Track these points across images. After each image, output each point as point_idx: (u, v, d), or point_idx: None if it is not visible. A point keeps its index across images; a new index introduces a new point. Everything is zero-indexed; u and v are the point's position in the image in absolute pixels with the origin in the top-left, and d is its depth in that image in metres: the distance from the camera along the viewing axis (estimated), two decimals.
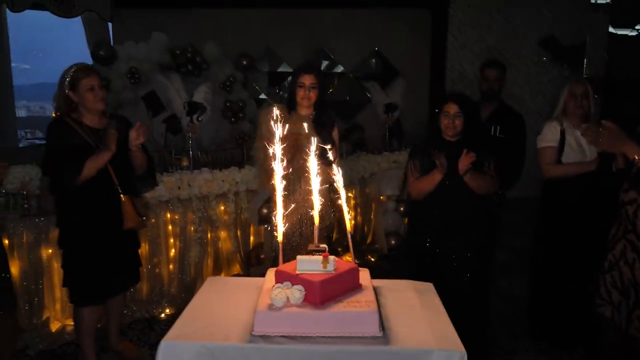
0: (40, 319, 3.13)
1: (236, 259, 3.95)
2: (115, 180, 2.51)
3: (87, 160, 2.39)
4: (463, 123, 2.54)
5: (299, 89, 2.68)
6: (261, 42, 7.76)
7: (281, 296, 1.51)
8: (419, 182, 2.64)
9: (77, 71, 2.46)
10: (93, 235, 2.50)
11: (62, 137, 2.41)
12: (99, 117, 2.55)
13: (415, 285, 1.87)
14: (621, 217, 2.06)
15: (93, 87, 2.45)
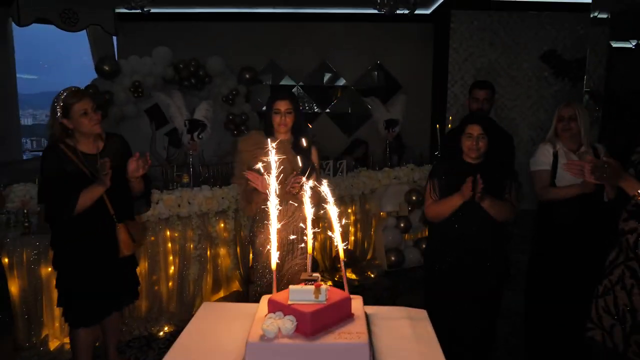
0: (39, 337, 3.13)
1: (235, 276, 3.96)
2: (110, 210, 2.49)
3: (81, 193, 2.36)
4: (486, 145, 2.48)
5: (275, 115, 2.68)
6: (264, 55, 7.83)
7: (273, 327, 1.51)
8: (437, 205, 2.58)
9: (67, 97, 2.40)
10: (87, 260, 2.48)
11: (56, 166, 2.38)
12: (94, 141, 2.52)
13: (409, 313, 1.87)
14: (621, 244, 2.11)
15: (87, 112, 2.40)
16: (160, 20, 7.33)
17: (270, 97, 2.76)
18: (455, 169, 2.52)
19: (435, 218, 2.62)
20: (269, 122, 2.72)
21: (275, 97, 2.71)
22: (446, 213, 2.54)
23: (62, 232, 2.49)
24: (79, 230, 2.45)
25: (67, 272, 2.52)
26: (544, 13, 7.08)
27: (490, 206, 2.44)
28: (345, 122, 8.13)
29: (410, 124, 6.39)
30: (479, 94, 3.40)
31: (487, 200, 2.41)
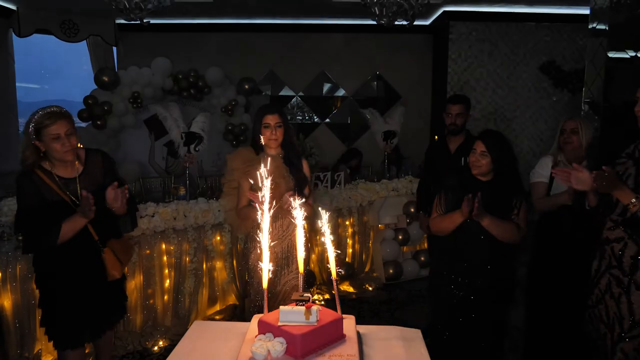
0: (32, 352, 3.10)
1: (232, 289, 3.92)
2: (94, 235, 2.36)
3: (63, 224, 2.22)
4: (491, 163, 2.42)
5: (265, 129, 2.62)
6: (264, 66, 7.85)
7: (262, 349, 1.48)
8: (440, 219, 2.54)
9: (41, 117, 2.18)
10: (72, 285, 2.37)
11: (32, 195, 2.21)
12: (73, 164, 2.34)
13: (403, 333, 1.84)
14: (604, 252, 2.17)
15: (59, 136, 2.18)
16: (160, 31, 7.35)
17: (259, 112, 2.69)
18: (463, 184, 2.48)
19: (438, 232, 2.59)
20: (258, 138, 2.65)
21: (264, 112, 2.66)
22: (448, 229, 2.50)
23: (44, 256, 2.37)
24: (62, 259, 2.32)
25: (50, 293, 2.40)
26: (543, 24, 7.10)
27: (490, 225, 2.38)
28: (345, 132, 8.13)
29: (409, 135, 6.38)
30: (452, 109, 3.41)
31: (486, 219, 2.35)
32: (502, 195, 2.45)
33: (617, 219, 2.13)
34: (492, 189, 2.43)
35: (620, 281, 2.09)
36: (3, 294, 2.95)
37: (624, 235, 2.09)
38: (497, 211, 2.40)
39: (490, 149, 2.42)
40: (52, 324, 2.42)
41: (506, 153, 2.46)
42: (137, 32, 7.28)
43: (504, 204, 2.45)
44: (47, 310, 2.42)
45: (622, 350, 2.08)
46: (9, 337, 2.99)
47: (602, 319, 2.18)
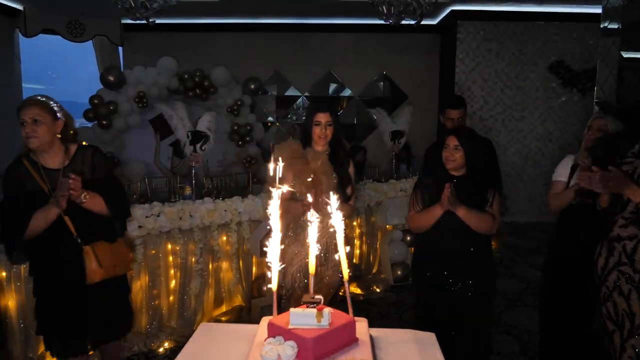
0: (36, 353, 3.06)
1: (238, 290, 3.87)
2: (73, 231, 2.23)
3: (34, 215, 2.12)
4: (464, 157, 2.46)
5: (315, 127, 2.64)
6: (269, 65, 7.82)
7: (272, 353, 1.43)
8: (419, 215, 2.57)
9: (20, 103, 2.18)
10: (59, 289, 2.28)
11: (15, 184, 2.17)
12: (59, 155, 2.26)
13: (416, 336, 1.78)
14: (614, 250, 2.20)
15: (24, 122, 2.14)
16: (166, 31, 7.34)
17: (310, 108, 2.73)
18: (439, 180, 2.50)
19: (418, 229, 2.61)
20: (308, 134, 2.67)
21: (316, 109, 2.67)
22: (428, 224, 2.52)
23: (33, 258, 2.30)
24: (44, 256, 2.25)
25: (43, 300, 2.33)
26: (552, 23, 7.02)
27: (465, 216, 2.41)
28: (351, 132, 8.08)
29: (416, 135, 6.32)
30: (454, 114, 3.33)
31: (461, 209, 2.39)
32: (476, 188, 2.49)
33: (630, 217, 2.16)
34: (465, 183, 2.47)
35: (631, 278, 2.12)
36: (7, 294, 2.91)
37: (637, 232, 2.12)
38: (472, 204, 2.44)
39: (463, 143, 2.45)
40: (46, 331, 2.35)
41: (478, 146, 2.50)
42: (143, 32, 7.27)
43: (478, 197, 2.48)
44: (41, 317, 2.35)
45: (632, 346, 2.10)
46: (13, 338, 2.95)
47: (610, 316, 2.19)
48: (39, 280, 2.33)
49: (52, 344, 2.35)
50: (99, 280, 2.29)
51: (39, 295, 2.34)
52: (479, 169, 2.49)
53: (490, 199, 2.50)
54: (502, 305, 4.15)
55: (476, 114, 7.24)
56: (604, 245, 2.28)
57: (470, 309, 2.53)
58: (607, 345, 2.22)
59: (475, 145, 2.48)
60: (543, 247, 3.03)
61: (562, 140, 7.30)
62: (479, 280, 2.53)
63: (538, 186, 7.29)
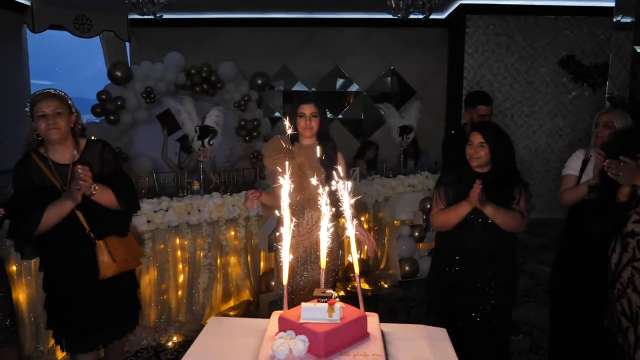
0: (47, 346, 3.08)
1: (246, 285, 3.87)
2: (86, 226, 2.23)
3: (47, 209, 2.11)
4: (489, 154, 2.39)
5: (300, 119, 2.60)
6: (276, 60, 7.79)
7: (283, 348, 1.42)
8: (444, 213, 2.49)
9: (33, 96, 2.17)
10: (70, 284, 2.28)
11: (25, 178, 2.16)
12: (69, 150, 2.26)
13: (428, 332, 1.76)
14: (627, 245, 2.16)
15: (44, 114, 2.13)
16: (173, 26, 7.33)
17: (295, 101, 2.69)
18: (463, 177, 2.45)
19: (442, 227, 2.54)
20: (294, 127, 2.64)
21: (300, 101, 2.65)
22: (453, 222, 2.45)
23: (44, 253, 2.30)
24: (56, 251, 2.24)
25: (53, 295, 2.33)
26: (562, 17, 6.94)
27: (493, 213, 2.35)
28: (358, 128, 8.05)
29: (424, 130, 6.28)
30: (485, 110, 3.28)
31: (489, 206, 2.33)
32: (502, 185, 2.43)
33: None
34: (491, 180, 2.39)
35: None
36: (18, 288, 2.92)
37: None
38: (499, 202, 2.38)
39: (488, 140, 2.39)
40: (56, 326, 2.35)
41: (503, 143, 2.44)
42: (150, 27, 7.27)
43: (504, 195, 2.42)
44: (53, 313, 2.35)
45: None
46: (24, 331, 2.97)
47: (624, 312, 2.16)
48: (49, 275, 2.32)
49: (62, 339, 2.35)
50: (112, 275, 2.28)
51: (50, 290, 2.34)
52: (504, 165, 2.43)
53: (517, 196, 2.44)
54: None
55: None
56: (617, 241, 2.25)
57: (490, 309, 2.47)
58: (621, 342, 2.20)
59: (500, 141, 2.41)
60: (553, 243, 2.99)
61: (572, 136, 7.24)
62: (501, 281, 2.47)
63: (547, 182, 7.23)
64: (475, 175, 2.42)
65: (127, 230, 2.44)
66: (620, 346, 2.22)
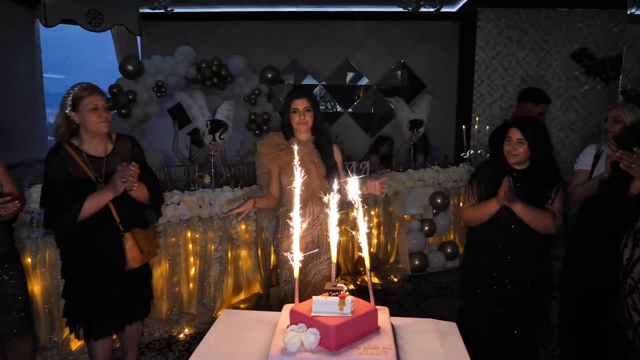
0: (61, 337, 3.13)
1: (256, 278, 3.90)
2: (116, 218, 2.32)
3: (87, 198, 2.19)
4: (528, 151, 2.33)
5: (293, 114, 2.58)
6: (286, 54, 7.78)
7: (295, 340, 1.44)
8: (474, 208, 2.46)
9: (79, 89, 2.25)
10: (94, 273, 2.35)
11: (59, 169, 2.22)
12: (103, 144, 2.35)
13: (438, 326, 1.77)
14: (639, 241, 2.16)
15: (96, 107, 2.23)
16: (183, 20, 7.34)
17: (287, 97, 2.65)
18: (498, 174, 2.38)
19: (471, 222, 2.51)
20: (288, 123, 2.62)
21: (292, 96, 2.61)
22: (482, 218, 2.42)
23: (68, 242, 2.36)
24: (84, 241, 2.30)
25: (74, 283, 2.39)
26: (575, 10, 6.85)
27: (522, 212, 2.29)
28: (368, 122, 8.03)
29: (435, 124, 6.26)
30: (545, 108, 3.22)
31: (518, 204, 2.27)
32: (538, 184, 2.36)
33: None
34: (527, 178, 2.34)
35: None
36: (33, 280, 2.97)
37: None
38: (533, 201, 2.32)
39: (527, 136, 2.32)
40: (74, 313, 2.41)
41: (543, 140, 2.37)
42: (161, 21, 7.28)
43: (540, 194, 2.36)
44: (71, 300, 2.41)
45: None
46: (38, 323, 3.02)
47: (635, 307, 2.16)
48: (71, 263, 2.38)
49: (78, 326, 2.42)
50: (138, 266, 2.37)
51: (69, 277, 2.40)
52: (542, 163, 2.37)
53: (553, 195, 2.38)
54: None
55: (496, 103, 7.14)
56: (629, 236, 2.24)
57: (517, 310, 2.43)
58: (632, 337, 2.20)
59: (539, 138, 2.34)
60: (563, 238, 2.95)
61: (583, 130, 7.16)
62: (530, 281, 2.42)
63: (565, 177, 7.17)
64: (511, 172, 2.38)
65: (150, 222, 2.56)
66: (631, 341, 2.22)
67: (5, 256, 2.26)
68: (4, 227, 2.27)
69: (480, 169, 2.58)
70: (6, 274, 2.27)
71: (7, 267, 2.28)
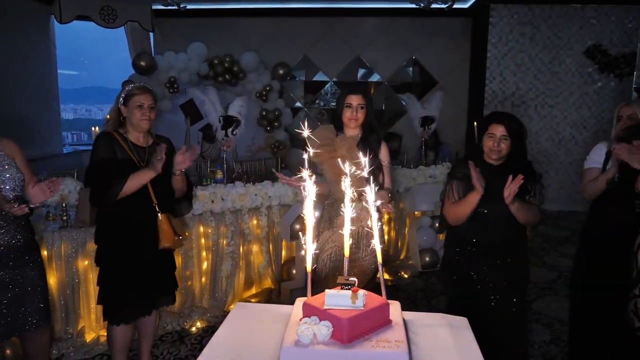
0: (76, 329, 3.19)
1: (268, 273, 3.94)
2: (153, 199, 2.52)
3: (130, 176, 2.40)
4: (509, 147, 2.34)
5: (346, 109, 2.62)
6: (298, 51, 7.80)
7: (308, 332, 1.46)
8: (456, 206, 2.45)
9: (133, 88, 2.52)
10: (129, 252, 2.51)
11: (106, 150, 2.44)
12: (144, 137, 2.58)
13: (449, 320, 1.78)
14: None
15: (142, 105, 2.48)
16: (196, 16, 7.39)
17: (343, 91, 2.70)
18: None
19: (455, 220, 2.48)
20: (339, 117, 2.67)
21: (347, 91, 2.65)
22: (465, 213, 2.40)
23: (105, 224, 2.53)
24: (121, 218, 2.48)
25: (109, 266, 2.54)
26: (589, 6, 6.79)
27: (518, 210, 2.30)
28: (380, 118, 8.03)
29: (446, 121, 6.24)
30: None
31: (516, 203, 2.27)
32: None
33: None
34: (504, 173, 2.29)
35: None
36: (49, 272, 3.02)
37: None
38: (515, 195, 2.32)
39: (511, 132, 2.32)
40: (108, 299, 2.55)
41: (523, 135, 2.38)
42: (173, 17, 7.34)
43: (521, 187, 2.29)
44: (105, 286, 2.55)
45: None
46: (54, 315, 3.07)
47: None
48: (107, 245, 2.54)
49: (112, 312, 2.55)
50: (169, 245, 2.56)
51: (104, 263, 2.55)
52: (520, 157, 2.38)
53: (533, 189, 2.38)
54: (532, 293, 4.10)
55: (508, 100, 7.10)
56: None
57: (506, 301, 2.45)
58: None
59: (521, 133, 2.35)
60: (575, 236, 2.93)
61: (596, 127, 7.11)
62: (515, 272, 2.45)
63: (570, 174, 7.13)
64: (488, 167, 2.38)
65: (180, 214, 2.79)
66: None
67: (25, 248, 2.32)
68: (24, 220, 2.32)
69: (457, 166, 2.57)
70: (27, 266, 2.32)
71: (27, 259, 2.33)
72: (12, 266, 2.26)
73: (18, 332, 2.34)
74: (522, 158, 2.40)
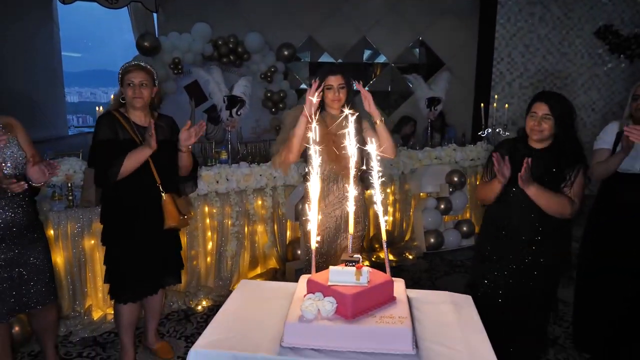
0: (83, 307, 3.22)
1: (272, 253, 3.95)
2: (157, 179, 2.51)
3: (127, 156, 2.38)
4: (552, 128, 2.19)
5: (327, 91, 2.60)
6: (303, 31, 7.70)
7: (312, 308, 1.46)
8: (483, 186, 2.41)
9: (126, 66, 2.49)
10: (134, 232, 2.51)
11: (108, 130, 2.43)
12: (145, 115, 2.55)
13: (453, 298, 1.79)
14: None
15: (132, 84, 2.44)
16: None
17: (322, 73, 2.65)
18: (516, 152, 2.28)
19: (482, 200, 2.47)
20: (321, 98, 2.62)
21: (327, 72, 2.62)
22: (489, 197, 2.36)
23: (110, 204, 2.53)
24: (126, 197, 2.48)
25: (115, 245, 2.54)
26: None
27: (536, 195, 2.18)
28: (385, 100, 7.96)
29: (452, 102, 6.18)
30: None
31: (532, 187, 2.15)
32: (558, 164, 2.23)
33: None
34: (547, 158, 2.22)
35: None
36: (55, 252, 3.05)
37: None
38: (549, 182, 2.21)
39: (555, 112, 2.19)
40: (115, 278, 2.56)
41: (570, 116, 2.23)
42: None
43: (558, 175, 2.23)
44: (111, 265, 2.56)
45: None
46: (61, 293, 3.11)
47: None
48: (112, 224, 2.54)
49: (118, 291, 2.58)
50: (174, 225, 2.56)
51: (110, 242, 2.56)
52: (566, 141, 2.23)
53: (572, 177, 2.21)
54: None
55: (515, 82, 7.02)
56: None
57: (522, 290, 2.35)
58: None
59: (566, 114, 2.20)
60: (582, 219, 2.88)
61: (605, 110, 7.02)
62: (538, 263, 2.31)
63: None
64: (530, 149, 2.27)
65: (184, 193, 2.75)
66: None
67: (29, 227, 2.33)
68: (28, 199, 2.33)
69: (500, 146, 2.47)
70: (31, 244, 2.34)
71: (31, 238, 2.34)
72: (16, 243, 2.27)
73: (25, 309, 2.37)
74: (570, 142, 2.24)
